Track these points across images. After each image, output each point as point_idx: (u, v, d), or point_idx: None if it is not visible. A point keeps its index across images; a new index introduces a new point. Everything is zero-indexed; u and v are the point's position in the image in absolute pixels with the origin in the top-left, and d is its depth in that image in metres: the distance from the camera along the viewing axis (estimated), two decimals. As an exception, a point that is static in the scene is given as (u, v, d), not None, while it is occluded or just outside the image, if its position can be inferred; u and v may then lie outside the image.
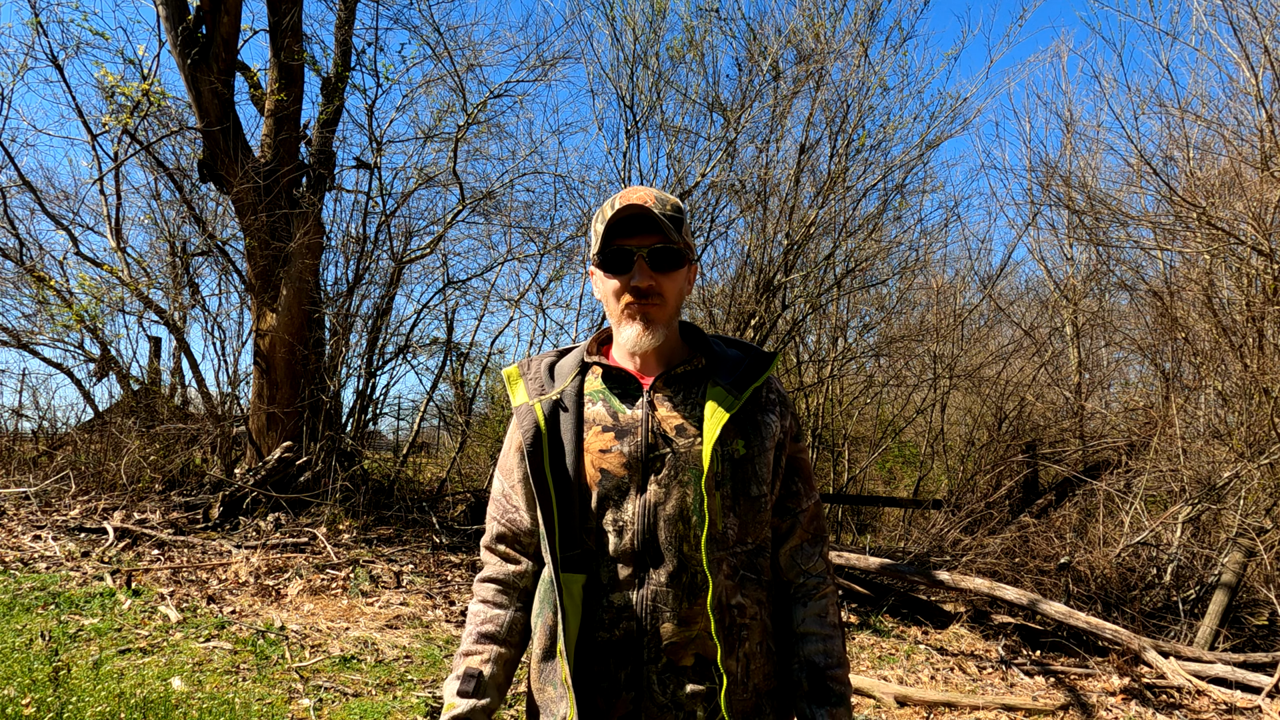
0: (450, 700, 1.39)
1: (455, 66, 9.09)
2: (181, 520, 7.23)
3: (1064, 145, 11.69)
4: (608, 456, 1.39)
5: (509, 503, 1.50)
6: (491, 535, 1.52)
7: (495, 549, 1.51)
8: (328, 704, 3.83)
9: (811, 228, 9.29)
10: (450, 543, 7.55)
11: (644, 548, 1.36)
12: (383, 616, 5.38)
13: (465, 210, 9.50)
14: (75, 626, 4.63)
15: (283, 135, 8.80)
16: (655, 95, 9.25)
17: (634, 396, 1.43)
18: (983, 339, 12.51)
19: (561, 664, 1.36)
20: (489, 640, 1.44)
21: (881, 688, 4.58)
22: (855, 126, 9.28)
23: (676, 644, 1.35)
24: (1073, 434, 9.66)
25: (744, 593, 1.39)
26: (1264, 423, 6.62)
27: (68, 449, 9.23)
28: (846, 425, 12.34)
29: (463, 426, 10.21)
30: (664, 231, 1.38)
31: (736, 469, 1.39)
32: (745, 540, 1.40)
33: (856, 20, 9.20)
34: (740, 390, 1.41)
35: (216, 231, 9.17)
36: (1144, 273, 10.36)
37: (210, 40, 8.13)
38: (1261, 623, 6.18)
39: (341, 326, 8.92)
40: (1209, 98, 9.02)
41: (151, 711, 3.47)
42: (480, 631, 1.45)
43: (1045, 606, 5.46)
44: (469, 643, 1.45)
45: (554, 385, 1.47)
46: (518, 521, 1.49)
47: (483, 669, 1.41)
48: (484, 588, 1.50)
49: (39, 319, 9.35)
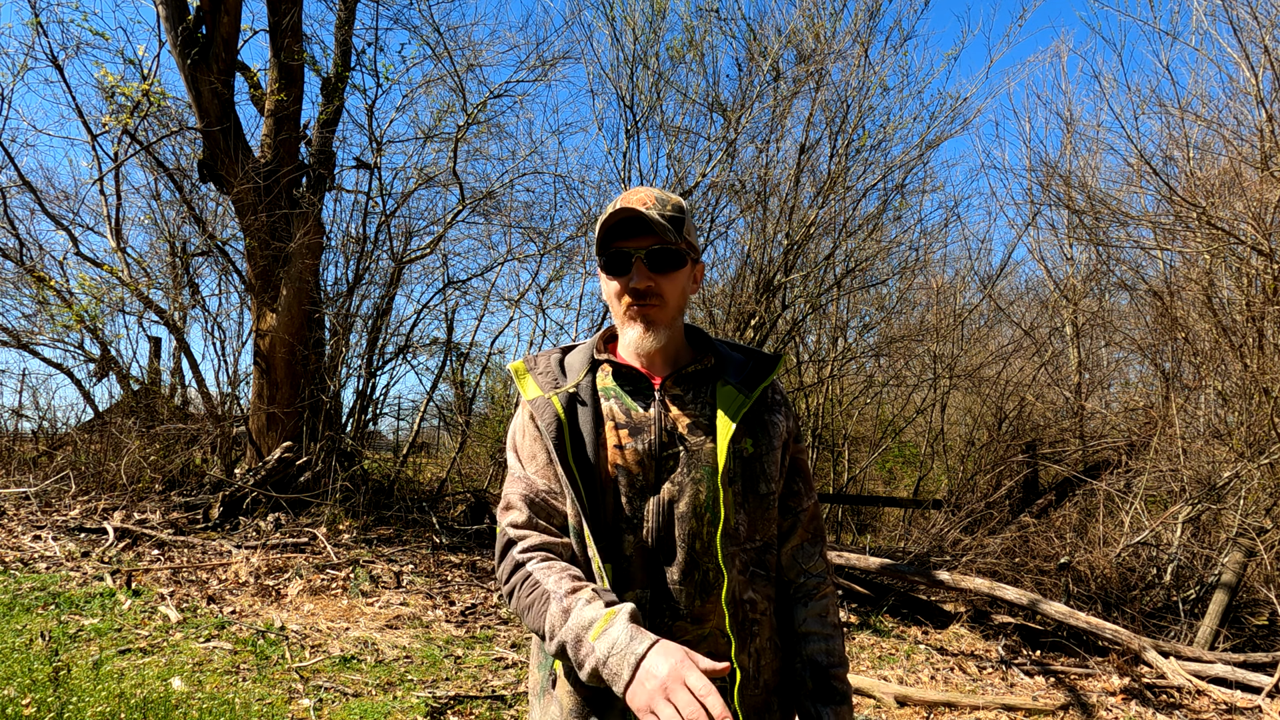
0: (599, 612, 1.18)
1: (455, 66, 9.10)
2: (181, 520, 7.22)
3: (1064, 145, 11.70)
4: (623, 453, 1.39)
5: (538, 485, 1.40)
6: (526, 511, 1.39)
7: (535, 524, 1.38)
8: (328, 704, 3.83)
9: (811, 228, 9.29)
10: (450, 543, 7.54)
11: (658, 544, 1.37)
12: (383, 616, 5.38)
13: (465, 210, 9.50)
14: (75, 626, 4.63)
15: (283, 135, 8.79)
16: (655, 95, 9.26)
17: (645, 395, 1.44)
18: (983, 339, 12.52)
19: None
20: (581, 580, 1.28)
21: (881, 688, 4.58)
22: (855, 126, 9.29)
23: (689, 641, 1.35)
24: (1073, 434, 9.66)
25: (755, 588, 1.41)
26: (1264, 423, 6.62)
27: (68, 449, 9.23)
28: (846, 425, 12.34)
29: (463, 426, 10.21)
30: (660, 233, 1.38)
31: (746, 466, 1.41)
32: (755, 537, 1.42)
33: (856, 20, 9.21)
34: (750, 389, 1.43)
35: (216, 231, 9.18)
36: (1144, 273, 10.36)
37: (210, 40, 8.13)
38: (1261, 623, 6.18)
39: (341, 326, 8.92)
40: (1209, 98, 9.03)
41: (151, 711, 3.47)
42: (571, 574, 1.29)
43: (1045, 606, 5.46)
44: (567, 583, 1.26)
45: (567, 379, 1.47)
46: (553, 504, 1.39)
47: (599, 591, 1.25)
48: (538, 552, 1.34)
49: (39, 319, 9.36)
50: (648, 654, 1.10)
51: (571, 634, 1.19)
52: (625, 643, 1.12)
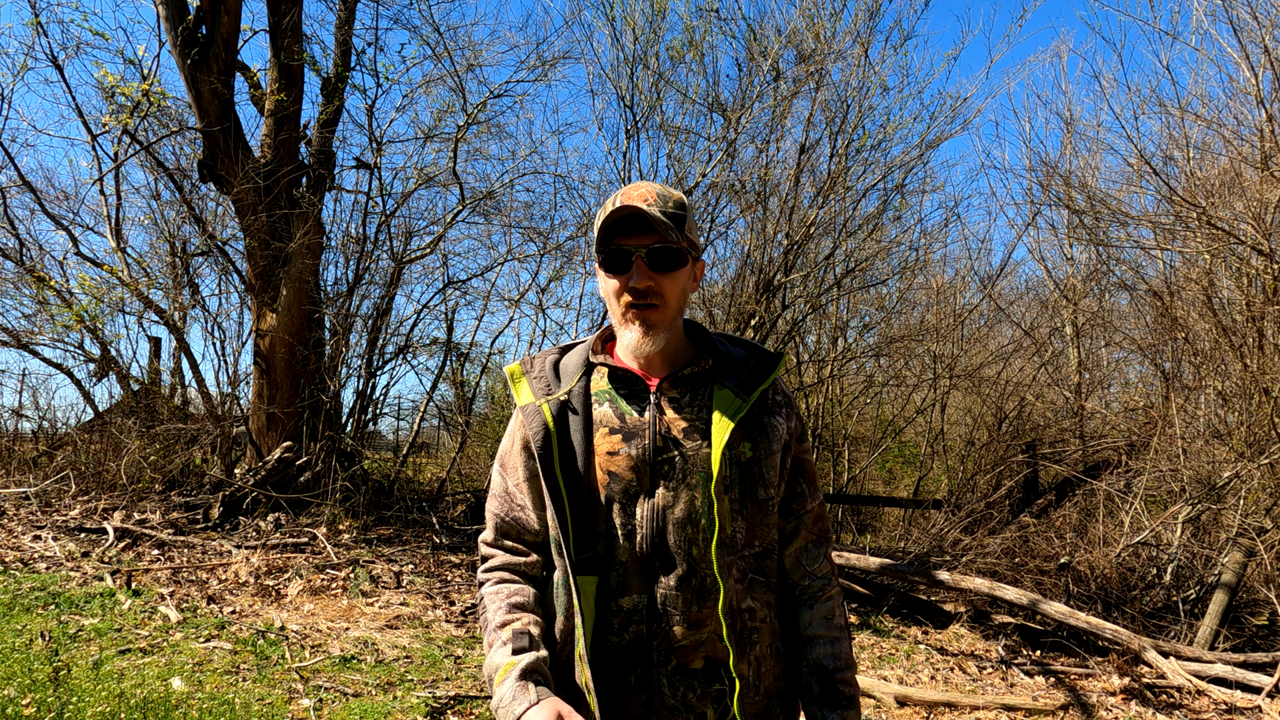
0: (505, 660, 1.29)
1: (455, 66, 9.10)
2: (181, 520, 7.22)
3: (1064, 145, 11.69)
4: (615, 459, 1.38)
5: (513, 500, 1.46)
6: (494, 532, 1.48)
7: (501, 544, 1.47)
8: (328, 704, 3.83)
9: (811, 228, 9.29)
10: (450, 543, 7.55)
11: (653, 551, 1.35)
12: (383, 616, 5.38)
13: (465, 210, 9.50)
14: (75, 626, 4.63)
15: (283, 135, 8.80)
16: (655, 95, 9.25)
17: (641, 398, 1.42)
18: (983, 339, 12.51)
19: (581, 668, 1.34)
20: (522, 610, 1.37)
21: (882, 688, 4.58)
22: (855, 126, 9.29)
23: (686, 647, 1.34)
24: (1073, 434, 9.66)
25: (754, 596, 1.38)
26: (1264, 423, 6.62)
27: (68, 449, 9.23)
28: (846, 425, 12.34)
29: (463, 426, 10.21)
30: (662, 231, 1.35)
31: (744, 472, 1.38)
32: (753, 543, 1.40)
33: (856, 20, 9.21)
34: (748, 393, 1.40)
35: (216, 231, 9.18)
36: (1144, 273, 10.37)
37: (210, 40, 8.13)
38: (1261, 623, 6.18)
39: (341, 326, 8.92)
40: (1209, 97, 9.03)
41: (151, 712, 3.47)
42: (511, 603, 1.38)
43: (1045, 606, 5.46)
44: (501, 614, 1.36)
45: (560, 385, 1.45)
46: (523, 520, 1.45)
47: (530, 629, 1.34)
48: (495, 574, 1.44)
49: (39, 319, 9.36)
50: (523, 716, 1.22)
51: (486, 673, 1.33)
52: (509, 700, 1.24)
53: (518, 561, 1.44)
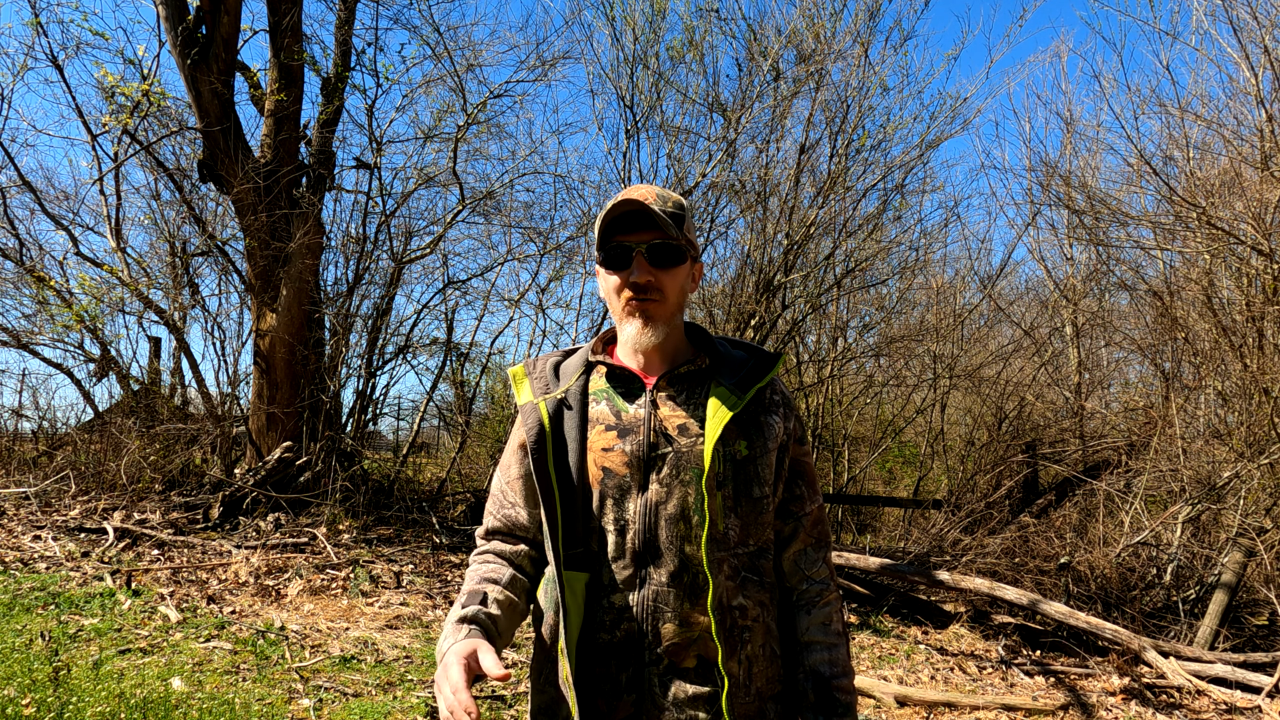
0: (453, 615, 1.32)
1: (455, 66, 9.10)
2: (181, 520, 7.22)
3: (1064, 145, 11.70)
4: (610, 455, 1.39)
5: (505, 499, 1.51)
6: (486, 528, 1.53)
7: (490, 539, 1.52)
8: (328, 704, 3.83)
9: (811, 228, 9.29)
10: (450, 543, 7.55)
11: (645, 547, 1.35)
12: (383, 616, 5.38)
13: (465, 210, 9.50)
14: (75, 626, 4.63)
15: (283, 135, 8.80)
16: (655, 95, 9.25)
17: (637, 395, 1.43)
18: (983, 339, 12.51)
19: (563, 662, 1.35)
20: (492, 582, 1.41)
21: (881, 688, 4.58)
22: (855, 126, 9.30)
23: (678, 645, 1.34)
24: (1073, 434, 9.66)
25: (745, 594, 1.38)
26: (1264, 423, 6.62)
27: (68, 449, 9.23)
28: (846, 425, 12.34)
29: (463, 426, 10.22)
30: (662, 228, 1.37)
31: (738, 469, 1.38)
32: (747, 542, 1.39)
33: (856, 20, 9.21)
34: (744, 391, 1.40)
35: (216, 231, 9.18)
36: (1144, 273, 10.37)
37: (210, 40, 8.13)
38: (1261, 623, 6.18)
39: (341, 326, 8.92)
40: (1209, 98, 9.03)
41: (151, 711, 3.47)
42: (482, 575, 1.42)
43: (1045, 606, 5.46)
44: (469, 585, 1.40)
45: (559, 384, 1.47)
46: (513, 517, 1.49)
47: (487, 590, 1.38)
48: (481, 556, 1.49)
49: (39, 319, 9.36)
50: (447, 652, 1.24)
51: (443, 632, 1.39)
52: (441, 640, 1.28)
53: (504, 549, 1.49)
